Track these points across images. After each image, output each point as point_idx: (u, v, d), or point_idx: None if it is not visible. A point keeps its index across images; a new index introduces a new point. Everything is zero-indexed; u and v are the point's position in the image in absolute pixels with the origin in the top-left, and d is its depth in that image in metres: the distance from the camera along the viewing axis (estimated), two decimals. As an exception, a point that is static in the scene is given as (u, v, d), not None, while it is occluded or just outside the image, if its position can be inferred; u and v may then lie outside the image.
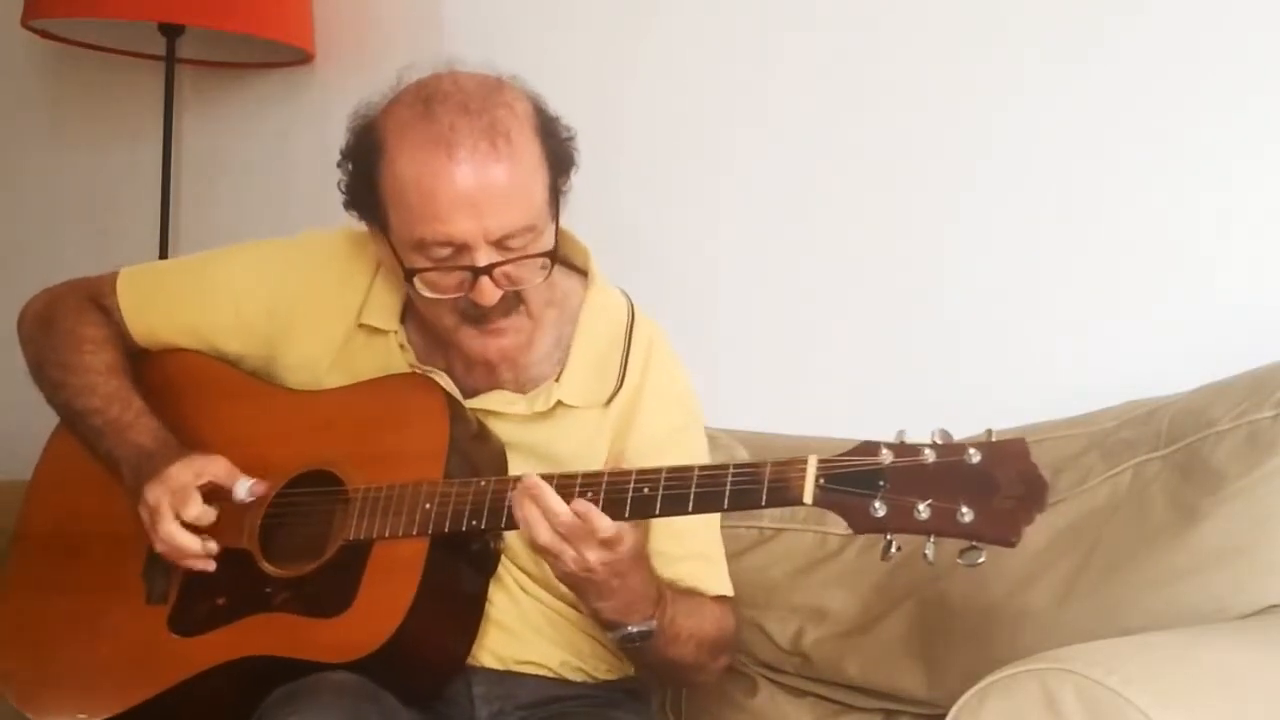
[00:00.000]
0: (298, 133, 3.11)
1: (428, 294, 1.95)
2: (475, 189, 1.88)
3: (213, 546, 1.99)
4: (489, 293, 1.92)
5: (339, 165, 2.01)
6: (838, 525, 2.31)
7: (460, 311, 1.96)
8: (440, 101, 1.92)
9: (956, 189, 2.50)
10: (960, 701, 1.66)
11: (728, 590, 2.10)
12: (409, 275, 1.95)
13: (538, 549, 1.85)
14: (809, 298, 2.62)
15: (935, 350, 2.49)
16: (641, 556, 1.89)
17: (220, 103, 3.22)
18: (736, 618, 2.11)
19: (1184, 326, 2.32)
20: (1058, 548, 2.12)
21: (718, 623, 2.06)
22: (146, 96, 3.18)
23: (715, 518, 2.12)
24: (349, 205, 2.01)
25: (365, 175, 1.96)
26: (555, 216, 1.98)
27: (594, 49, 2.82)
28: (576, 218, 2.06)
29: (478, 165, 1.88)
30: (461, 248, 1.91)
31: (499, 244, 1.91)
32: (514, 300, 1.96)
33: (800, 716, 2.31)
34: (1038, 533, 2.13)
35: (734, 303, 2.68)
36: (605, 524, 1.81)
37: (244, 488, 2.00)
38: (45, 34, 3.10)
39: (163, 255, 3.09)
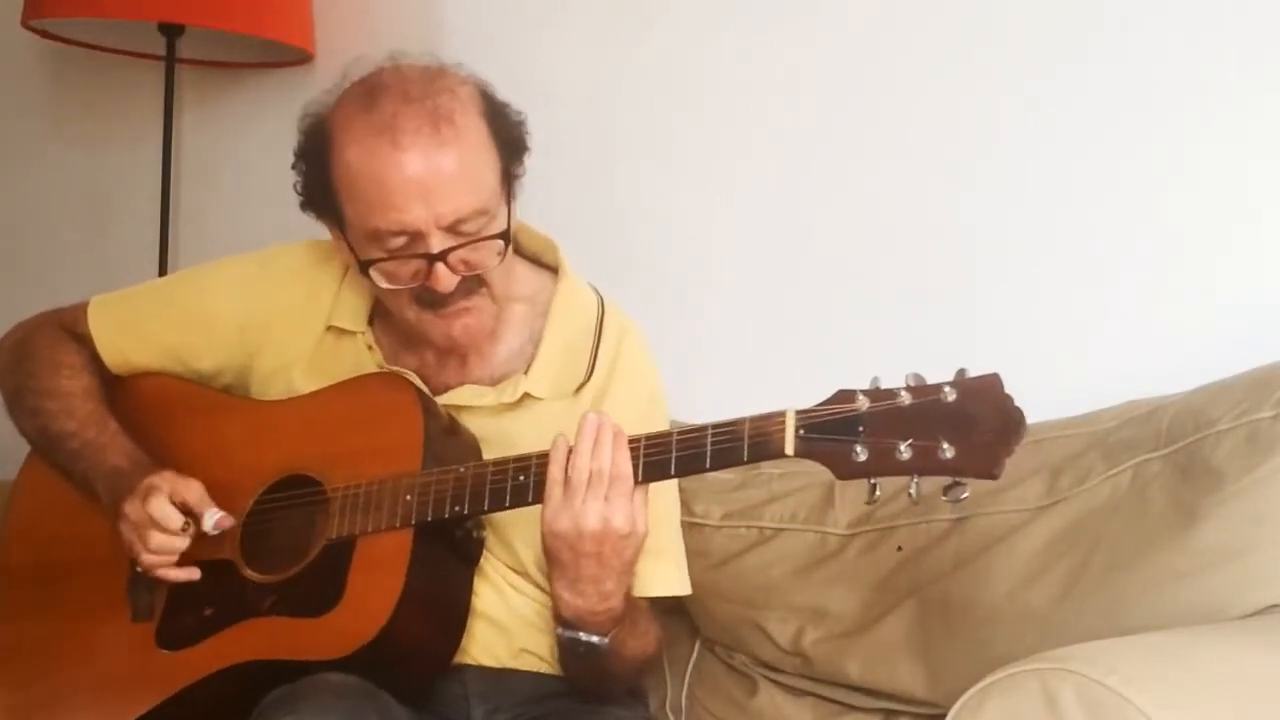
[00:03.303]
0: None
1: (385, 285, 1.98)
2: (423, 174, 1.91)
3: (189, 534, 1.99)
4: (445, 279, 1.95)
5: (293, 167, 2.03)
6: (838, 525, 2.33)
7: (419, 299, 1.98)
8: (382, 91, 1.95)
9: (955, 190, 2.50)
10: (960, 701, 1.66)
11: (678, 590, 2.11)
12: (364, 267, 1.98)
13: (565, 487, 1.84)
14: (804, 297, 2.61)
15: (934, 351, 2.48)
16: (631, 570, 1.90)
17: (220, 103, 3.22)
18: (662, 634, 2.10)
19: (1184, 326, 2.32)
20: (1058, 548, 2.12)
21: (657, 642, 2.07)
22: (146, 96, 3.18)
23: (676, 514, 2.13)
24: (305, 205, 2.04)
25: (318, 172, 2.00)
26: (508, 200, 2.00)
27: (591, 49, 2.82)
28: (569, 215, 2.06)
29: (423, 150, 1.91)
30: (415, 235, 1.93)
31: (452, 229, 1.93)
32: (474, 282, 1.98)
33: (800, 716, 2.31)
34: (1038, 533, 2.14)
35: (728, 301, 2.68)
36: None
37: (210, 520, 2.00)
38: (45, 34, 3.10)
39: (162, 255, 3.09)
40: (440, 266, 1.94)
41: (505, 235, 1.97)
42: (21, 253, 3.41)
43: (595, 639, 1.92)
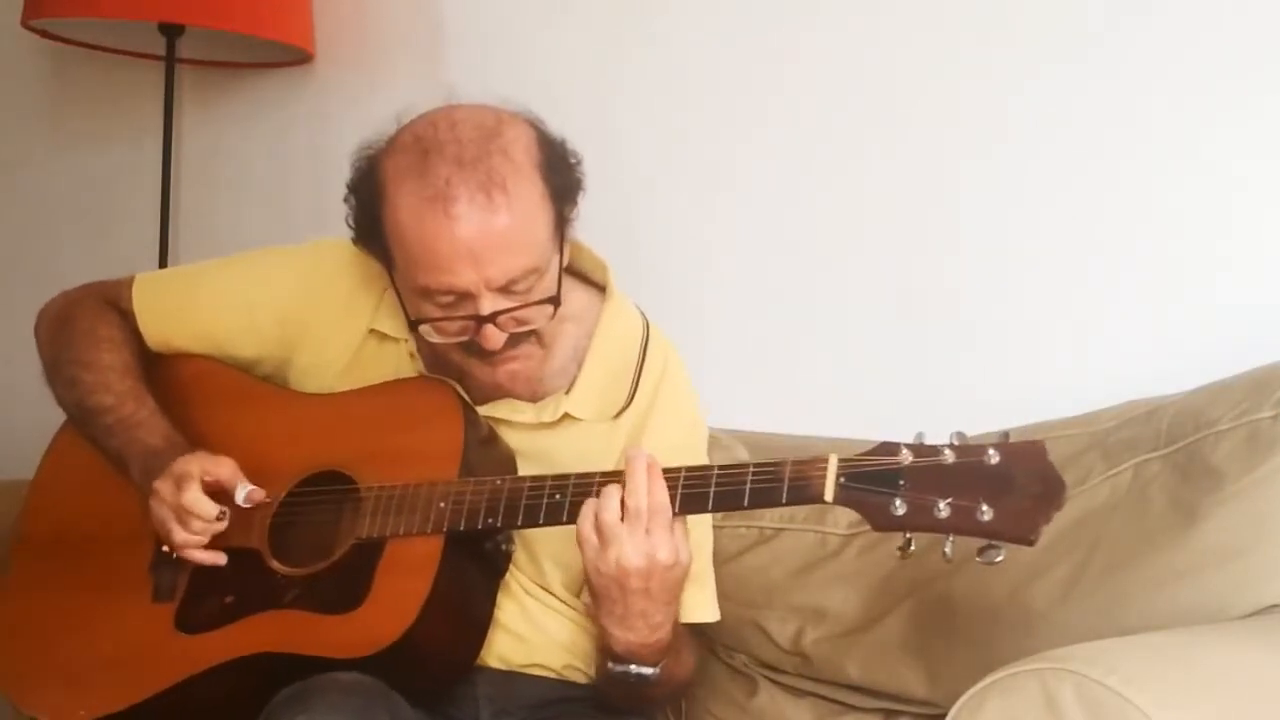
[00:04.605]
0: (297, 133, 3.11)
1: (435, 339, 1.97)
2: (474, 240, 1.89)
3: (225, 517, 1.99)
4: (494, 338, 1.93)
5: (345, 200, 2.01)
6: (838, 525, 2.33)
7: (466, 347, 1.97)
8: (436, 152, 1.91)
9: (957, 189, 2.50)
10: (960, 701, 1.66)
11: (710, 616, 2.12)
12: (414, 325, 1.97)
13: (598, 536, 1.84)
14: (808, 298, 2.61)
15: (934, 351, 2.49)
16: (677, 599, 1.90)
17: (220, 103, 3.22)
18: (699, 654, 2.11)
19: (1184, 326, 2.32)
20: (1058, 548, 2.12)
21: (693, 665, 2.09)
22: (146, 96, 3.18)
23: (709, 541, 2.13)
24: (358, 240, 2.02)
25: (370, 215, 1.97)
26: (561, 247, 1.98)
27: (592, 50, 2.82)
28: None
29: (475, 218, 1.89)
30: (464, 296, 1.92)
31: (503, 290, 1.92)
32: (523, 334, 1.96)
33: (800, 716, 2.31)
34: (1037, 533, 2.14)
35: (733, 302, 2.68)
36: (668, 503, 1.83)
37: (242, 493, 2.00)
38: (45, 34, 3.10)
39: (162, 255, 3.09)
40: (489, 327, 1.93)
41: (555, 299, 1.95)
42: (21, 253, 3.41)
43: (647, 670, 1.93)
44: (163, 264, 3.08)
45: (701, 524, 2.07)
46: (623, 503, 1.84)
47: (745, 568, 2.35)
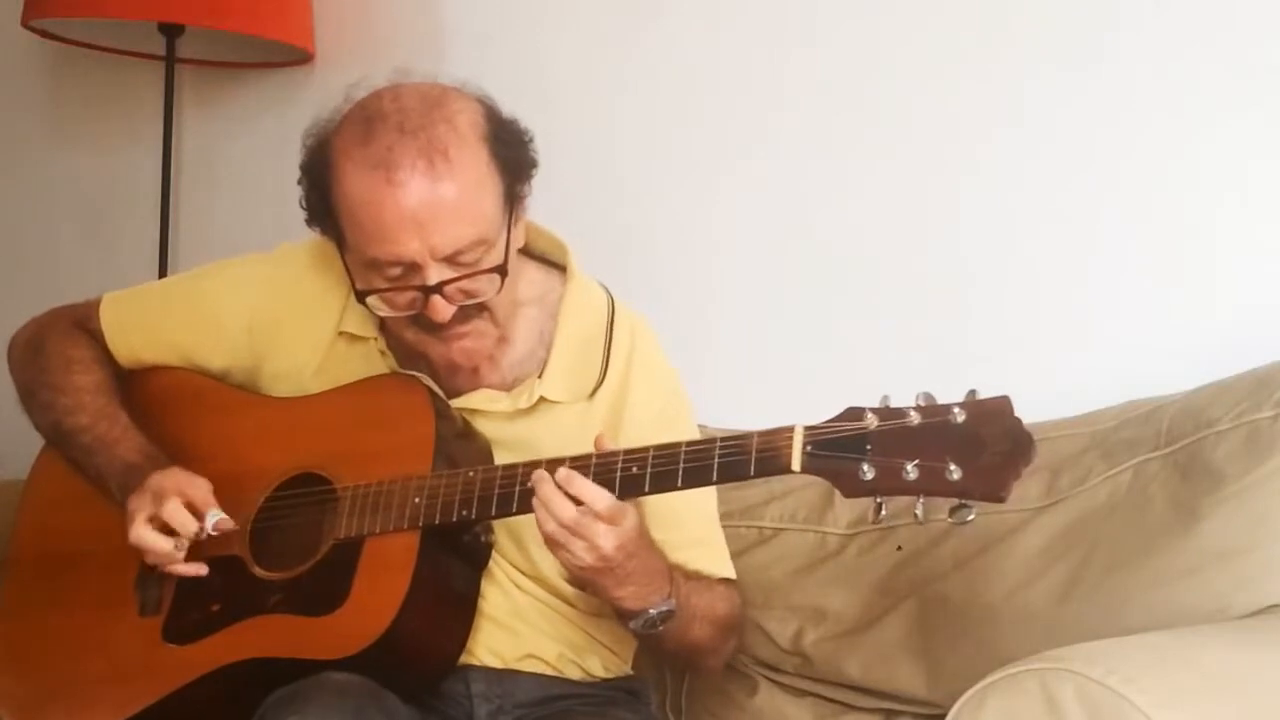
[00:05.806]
0: (297, 133, 3.10)
1: (383, 312, 1.98)
2: (418, 208, 1.90)
3: (184, 545, 1.99)
4: (442, 309, 1.94)
5: (298, 182, 2.02)
6: (838, 525, 2.34)
7: (417, 322, 1.98)
8: (379, 121, 1.93)
9: (956, 189, 2.50)
10: (960, 701, 1.66)
11: (731, 573, 2.12)
12: (361, 296, 1.97)
13: (550, 544, 1.86)
14: (805, 297, 2.61)
15: (934, 350, 2.49)
16: (646, 533, 1.91)
17: (220, 103, 3.22)
18: (741, 599, 2.12)
19: (1184, 326, 2.32)
20: (1058, 548, 2.12)
21: (727, 601, 2.08)
22: (146, 96, 3.18)
23: (713, 505, 2.13)
24: (310, 221, 2.03)
25: (320, 193, 1.99)
26: (511, 223, 1.99)
27: (590, 49, 2.82)
28: (570, 216, 2.06)
29: (417, 185, 1.90)
30: (411, 266, 1.92)
31: (449, 260, 1.92)
32: (473, 309, 1.97)
33: (800, 716, 2.31)
34: (1038, 533, 2.14)
35: (732, 303, 2.68)
36: (600, 495, 1.83)
37: (210, 521, 2.00)
38: (45, 34, 3.10)
39: (162, 255, 3.09)
40: (436, 298, 1.93)
41: (503, 269, 1.96)
42: (21, 253, 3.41)
43: (664, 606, 1.93)
44: (163, 264, 3.09)
45: (703, 490, 2.06)
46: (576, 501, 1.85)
47: (745, 568, 2.34)
